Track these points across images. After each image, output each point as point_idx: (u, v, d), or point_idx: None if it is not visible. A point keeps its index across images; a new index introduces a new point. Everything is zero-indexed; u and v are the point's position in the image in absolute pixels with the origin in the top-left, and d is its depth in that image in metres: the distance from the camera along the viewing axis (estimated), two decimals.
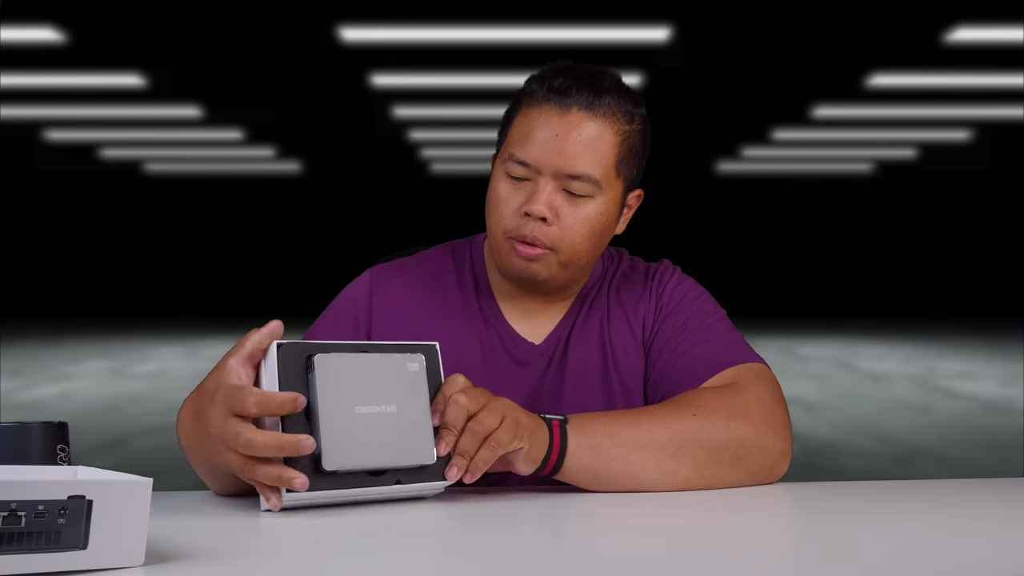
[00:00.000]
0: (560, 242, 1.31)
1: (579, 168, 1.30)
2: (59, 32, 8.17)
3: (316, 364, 1.06)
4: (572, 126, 1.31)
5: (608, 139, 1.32)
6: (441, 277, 1.45)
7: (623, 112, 1.34)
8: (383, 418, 1.07)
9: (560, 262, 1.33)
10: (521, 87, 1.39)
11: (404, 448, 1.07)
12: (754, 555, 0.89)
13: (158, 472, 1.33)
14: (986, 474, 4.48)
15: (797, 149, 13.11)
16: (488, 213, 1.36)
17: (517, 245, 1.32)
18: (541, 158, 1.30)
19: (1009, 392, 7.75)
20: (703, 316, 1.41)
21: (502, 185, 1.34)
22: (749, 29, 8.36)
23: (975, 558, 0.86)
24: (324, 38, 8.31)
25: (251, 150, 13.14)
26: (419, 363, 1.11)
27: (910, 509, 1.09)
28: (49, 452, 1.05)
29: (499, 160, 1.37)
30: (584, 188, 1.31)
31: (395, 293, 1.42)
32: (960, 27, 8.06)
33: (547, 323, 1.42)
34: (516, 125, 1.35)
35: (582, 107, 1.31)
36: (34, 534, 0.75)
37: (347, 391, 1.06)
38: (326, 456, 1.03)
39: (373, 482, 1.07)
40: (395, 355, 1.10)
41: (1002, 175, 12.82)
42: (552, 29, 7.91)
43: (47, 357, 10.40)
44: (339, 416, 1.05)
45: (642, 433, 1.18)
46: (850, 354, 10.68)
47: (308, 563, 0.86)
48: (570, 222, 1.31)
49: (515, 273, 1.35)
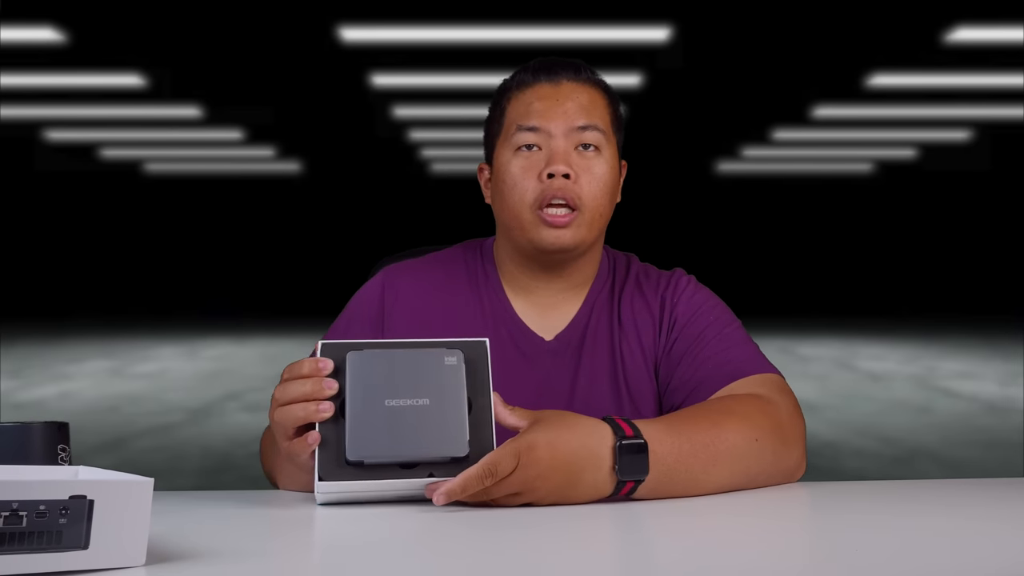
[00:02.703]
0: (584, 199, 1.35)
1: (587, 119, 1.37)
2: (59, 32, 8.17)
3: (348, 360, 1.08)
4: (567, 91, 1.39)
5: (601, 100, 1.42)
6: (451, 275, 1.47)
7: (604, 84, 1.45)
8: (415, 411, 1.08)
9: (586, 222, 1.36)
10: (499, 88, 1.46)
11: (436, 441, 1.07)
12: (754, 555, 0.89)
13: (158, 472, 1.33)
14: (986, 474, 4.48)
15: (797, 149, 13.10)
16: (506, 196, 1.39)
17: (546, 215, 1.34)
18: (549, 118, 1.37)
19: (1009, 392, 7.74)
20: (723, 325, 1.42)
21: (514, 162, 1.38)
22: (749, 29, 8.36)
23: (975, 558, 0.86)
24: (324, 38, 8.31)
25: (251, 150, 13.12)
26: (457, 357, 1.10)
27: (910, 509, 1.09)
28: (50, 452, 1.05)
29: (503, 142, 1.41)
30: (595, 137, 1.37)
31: (406, 293, 1.44)
32: (960, 27, 8.06)
33: (559, 319, 1.44)
34: (511, 108, 1.41)
35: (570, 79, 1.41)
36: (35, 534, 0.75)
37: (378, 385, 1.08)
38: (350, 446, 1.06)
39: (404, 475, 1.08)
40: (432, 350, 1.11)
41: (1002, 175, 12.80)
42: (552, 29, 7.91)
43: (47, 357, 10.40)
44: (366, 408, 1.07)
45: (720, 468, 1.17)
46: (850, 354, 10.67)
47: (309, 563, 0.86)
48: (587, 178, 1.36)
49: (546, 246, 1.36)
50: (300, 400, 1.08)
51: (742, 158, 13.54)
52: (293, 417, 1.09)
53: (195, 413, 6.74)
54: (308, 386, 1.09)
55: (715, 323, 1.42)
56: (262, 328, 13.18)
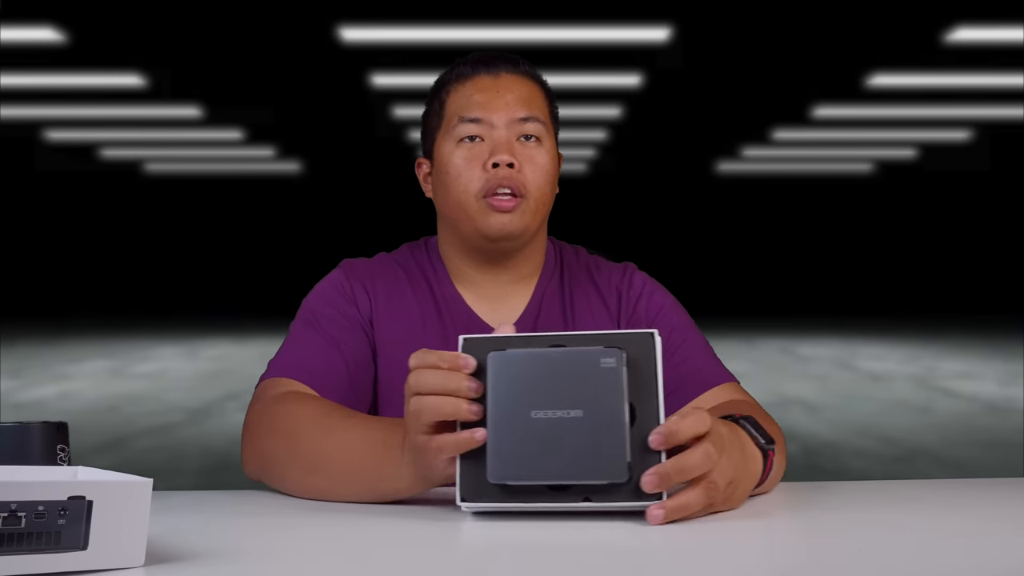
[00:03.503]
0: (528, 187, 1.36)
1: (527, 110, 1.39)
2: (59, 32, 8.17)
3: (489, 363, 0.96)
4: (507, 84, 1.40)
5: (539, 93, 1.43)
6: (408, 271, 1.47)
7: (541, 79, 1.46)
8: (566, 425, 0.94)
9: (531, 209, 1.37)
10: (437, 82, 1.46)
11: (590, 462, 0.93)
12: (753, 555, 0.89)
13: (158, 472, 1.33)
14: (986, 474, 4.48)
15: (797, 149, 13.11)
16: (450, 187, 1.39)
17: (491, 200, 1.35)
18: (491, 109, 1.38)
19: (1009, 392, 7.75)
20: (686, 328, 1.44)
21: (457, 154, 1.38)
22: (749, 29, 8.37)
23: (975, 558, 0.86)
24: (324, 38, 8.31)
25: (251, 150, 13.13)
26: (616, 358, 0.94)
27: (910, 509, 1.08)
28: (49, 452, 1.05)
29: (444, 135, 1.41)
30: (536, 128, 1.38)
31: (370, 286, 1.43)
32: (960, 27, 8.06)
33: (508, 312, 1.44)
34: (452, 101, 1.41)
35: (508, 71, 1.42)
36: (34, 535, 0.75)
37: (523, 393, 0.95)
38: (491, 468, 0.95)
39: (556, 498, 0.96)
40: (587, 349, 0.96)
41: (1002, 175, 12.81)
42: (552, 29, 7.92)
43: (47, 357, 10.40)
44: (510, 421, 0.95)
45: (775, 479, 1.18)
46: (850, 354, 10.67)
47: (311, 564, 0.86)
48: (531, 167, 1.37)
49: (493, 233, 1.36)
50: (441, 393, 0.97)
51: (742, 158, 13.55)
52: (439, 411, 0.97)
53: (195, 413, 6.74)
54: (453, 382, 0.97)
55: (679, 326, 1.43)
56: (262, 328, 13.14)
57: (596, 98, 10.14)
